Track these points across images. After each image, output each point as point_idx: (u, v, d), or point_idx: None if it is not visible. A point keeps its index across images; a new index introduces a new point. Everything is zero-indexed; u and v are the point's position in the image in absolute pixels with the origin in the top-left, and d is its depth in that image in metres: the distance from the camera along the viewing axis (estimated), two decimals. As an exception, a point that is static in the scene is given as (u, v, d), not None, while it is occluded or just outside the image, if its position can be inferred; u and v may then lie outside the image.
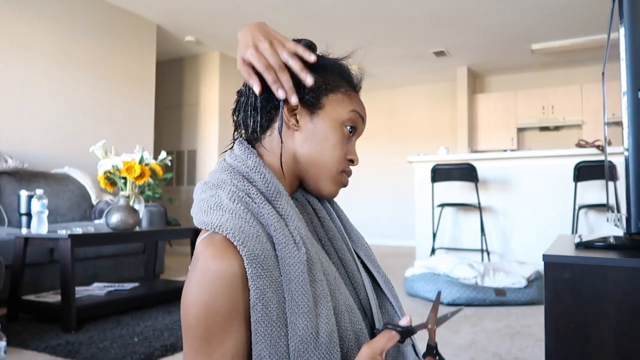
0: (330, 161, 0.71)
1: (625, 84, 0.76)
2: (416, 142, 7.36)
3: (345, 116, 0.72)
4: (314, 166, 0.72)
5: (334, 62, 0.76)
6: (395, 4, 4.60)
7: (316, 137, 0.71)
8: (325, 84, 0.72)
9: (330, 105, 0.72)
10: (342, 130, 0.72)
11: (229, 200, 0.65)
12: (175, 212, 6.10)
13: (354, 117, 0.73)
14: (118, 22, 4.71)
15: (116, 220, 2.58)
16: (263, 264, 0.60)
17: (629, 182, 0.76)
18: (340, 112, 0.72)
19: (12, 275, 2.49)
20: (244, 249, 0.59)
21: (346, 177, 0.74)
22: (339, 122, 0.72)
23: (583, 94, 6.24)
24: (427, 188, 4.55)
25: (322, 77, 0.72)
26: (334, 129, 0.71)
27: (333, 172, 0.72)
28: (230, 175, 0.68)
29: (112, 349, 2.01)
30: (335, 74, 0.74)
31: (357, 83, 0.78)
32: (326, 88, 0.72)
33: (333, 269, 0.69)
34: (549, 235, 4.07)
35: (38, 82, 4.01)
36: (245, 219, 0.62)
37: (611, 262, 0.76)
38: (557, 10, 4.72)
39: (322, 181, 0.72)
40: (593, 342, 0.76)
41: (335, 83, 0.73)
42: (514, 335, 2.33)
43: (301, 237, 0.63)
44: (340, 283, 0.68)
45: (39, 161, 3.97)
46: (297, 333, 0.58)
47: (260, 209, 0.64)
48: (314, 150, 0.71)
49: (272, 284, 0.60)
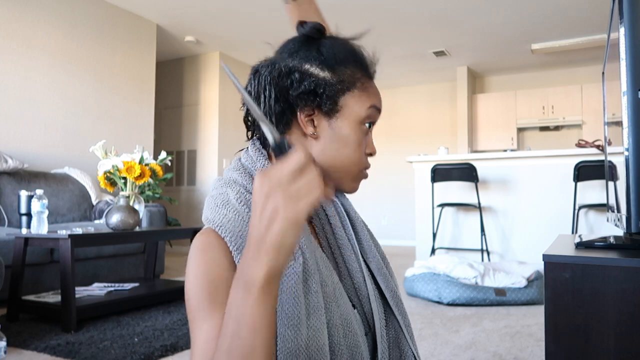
0: (351, 163, 0.69)
1: (625, 84, 0.76)
2: (416, 142, 7.36)
3: (363, 114, 0.69)
4: (335, 171, 0.70)
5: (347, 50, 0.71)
6: (395, 4, 4.60)
7: (336, 142, 0.68)
8: (341, 82, 0.68)
9: (348, 106, 0.69)
10: (361, 129, 0.69)
11: (236, 200, 0.64)
12: (175, 212, 6.09)
13: (372, 113, 0.70)
14: (118, 22, 4.71)
15: (116, 220, 2.58)
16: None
17: (629, 182, 0.76)
18: (358, 110, 0.69)
19: (12, 275, 2.49)
20: (238, 255, 0.59)
21: (366, 172, 0.72)
22: (357, 122, 0.69)
23: (583, 94, 6.24)
24: (427, 188, 4.55)
25: (337, 74, 0.69)
26: (353, 130, 0.69)
27: (355, 173, 0.70)
28: (241, 175, 0.68)
29: (112, 349, 2.01)
30: (349, 65, 0.70)
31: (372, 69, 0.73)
32: (342, 88, 0.68)
33: (335, 279, 0.67)
34: (549, 235, 4.07)
35: (38, 82, 4.01)
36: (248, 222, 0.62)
37: (611, 262, 0.76)
38: (557, 10, 4.72)
39: (344, 182, 0.71)
40: (593, 342, 0.76)
41: (351, 78, 0.69)
42: (514, 335, 2.33)
43: (300, 247, 0.62)
44: (340, 295, 0.66)
45: (39, 161, 3.97)
46: (285, 345, 0.57)
47: None
48: (335, 156, 0.69)
49: None
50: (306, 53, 0.69)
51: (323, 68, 0.68)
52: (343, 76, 0.68)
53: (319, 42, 0.70)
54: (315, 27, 0.70)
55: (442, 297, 3.01)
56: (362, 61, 0.72)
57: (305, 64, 0.68)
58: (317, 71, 0.68)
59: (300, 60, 0.68)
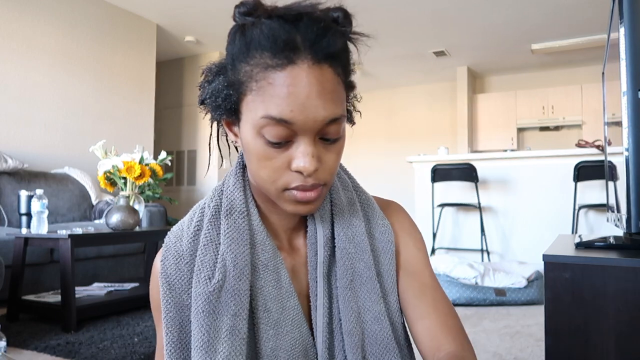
0: (263, 181, 0.56)
1: (625, 84, 0.76)
2: (416, 142, 7.36)
3: (257, 124, 0.52)
4: (260, 188, 0.59)
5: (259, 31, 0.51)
6: (395, 3, 4.60)
7: (245, 153, 0.57)
8: (233, 84, 0.54)
9: (246, 113, 0.54)
10: (262, 139, 0.53)
11: (192, 210, 0.67)
12: (175, 212, 6.09)
13: (266, 124, 0.51)
14: (118, 22, 4.71)
15: (116, 220, 2.58)
16: (172, 285, 0.60)
17: (629, 182, 0.76)
18: (252, 119, 0.53)
19: (12, 275, 2.49)
20: (161, 265, 0.62)
21: (301, 194, 0.54)
22: (255, 133, 0.53)
23: (583, 94, 6.24)
24: (427, 188, 4.55)
25: (236, 71, 0.53)
26: (253, 141, 0.54)
27: (274, 193, 0.56)
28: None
29: (112, 349, 2.01)
30: (254, 56, 0.51)
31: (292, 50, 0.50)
32: (236, 91, 0.54)
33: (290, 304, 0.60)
34: (549, 235, 4.06)
35: (38, 82, 4.01)
36: (188, 233, 0.63)
37: (611, 262, 0.76)
38: (557, 10, 4.72)
39: (277, 202, 0.58)
40: (593, 342, 0.76)
41: (248, 74, 0.52)
42: (514, 335, 2.33)
43: (224, 265, 0.57)
44: (286, 322, 0.60)
45: (39, 161, 3.97)
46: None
47: (204, 225, 0.62)
48: (249, 169, 0.58)
49: (176, 307, 0.60)
50: (230, 48, 0.56)
51: (223, 71, 0.57)
52: (238, 74, 0.53)
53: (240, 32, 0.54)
54: (240, 11, 0.54)
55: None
56: (274, 42, 0.50)
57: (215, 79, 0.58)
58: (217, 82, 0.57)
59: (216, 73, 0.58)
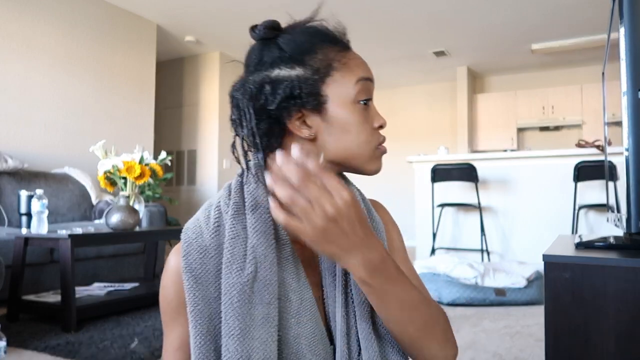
0: (360, 147, 0.65)
1: (625, 84, 0.76)
2: (416, 142, 7.36)
3: (353, 92, 0.63)
4: (349, 160, 0.66)
5: (309, 34, 0.65)
6: (395, 4, 4.60)
7: (336, 132, 0.64)
8: (315, 71, 0.63)
9: (333, 91, 0.63)
10: (357, 108, 0.64)
11: (204, 207, 0.67)
12: (175, 212, 6.09)
13: (362, 87, 0.64)
14: (118, 22, 4.71)
15: (116, 220, 2.58)
16: (199, 278, 0.61)
17: (629, 182, 0.76)
18: (346, 91, 0.63)
19: (12, 275, 2.49)
20: (184, 260, 0.62)
21: (383, 147, 0.68)
22: (350, 103, 0.63)
23: (583, 94, 6.24)
24: (427, 188, 4.55)
25: (309, 64, 0.63)
26: (349, 113, 0.63)
27: (369, 153, 0.66)
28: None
29: (112, 349, 2.01)
30: (318, 49, 0.64)
31: (344, 40, 0.67)
32: (320, 77, 0.63)
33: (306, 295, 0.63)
34: (549, 235, 4.06)
35: (38, 82, 4.01)
36: (208, 228, 0.63)
37: (611, 262, 0.76)
38: (557, 10, 4.72)
39: (363, 167, 0.67)
40: (593, 342, 0.76)
41: (325, 62, 0.63)
42: (514, 335, 2.33)
43: (255, 257, 0.60)
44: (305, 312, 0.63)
45: (39, 161, 3.97)
46: (227, 355, 0.57)
47: (227, 221, 0.63)
48: (341, 146, 0.64)
49: (204, 299, 0.60)
50: (269, 58, 0.64)
51: (292, 66, 0.63)
52: (315, 64, 0.63)
53: (277, 41, 0.65)
54: (266, 26, 0.65)
55: (442, 297, 3.01)
56: (331, 37, 0.66)
57: (272, 71, 0.62)
58: (287, 72, 0.62)
59: (266, 68, 0.63)
